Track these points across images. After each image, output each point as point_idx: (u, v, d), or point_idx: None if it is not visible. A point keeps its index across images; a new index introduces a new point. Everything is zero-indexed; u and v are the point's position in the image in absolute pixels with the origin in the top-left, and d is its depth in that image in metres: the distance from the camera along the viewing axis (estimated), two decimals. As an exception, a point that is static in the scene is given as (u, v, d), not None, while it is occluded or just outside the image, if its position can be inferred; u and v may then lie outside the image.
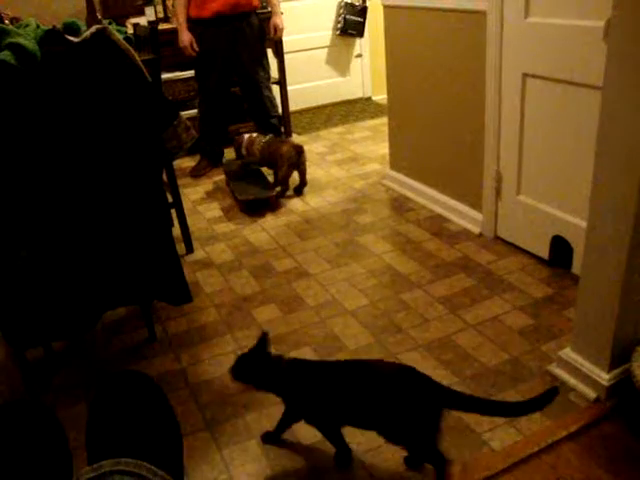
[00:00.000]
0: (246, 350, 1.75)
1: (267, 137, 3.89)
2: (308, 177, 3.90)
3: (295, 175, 3.79)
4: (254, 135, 3.94)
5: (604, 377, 1.91)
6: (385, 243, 3.08)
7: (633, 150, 1.62)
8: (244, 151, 3.90)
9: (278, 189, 3.76)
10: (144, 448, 0.99)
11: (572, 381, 2.01)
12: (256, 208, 3.62)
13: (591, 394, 1.94)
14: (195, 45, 3.93)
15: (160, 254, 2.25)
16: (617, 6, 1.58)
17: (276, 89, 4.62)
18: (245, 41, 4.01)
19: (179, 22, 3.92)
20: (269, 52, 4.47)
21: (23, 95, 1.82)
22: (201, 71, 4.10)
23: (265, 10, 4.27)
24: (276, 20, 4.15)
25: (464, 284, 2.65)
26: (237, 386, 1.74)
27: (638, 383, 1.75)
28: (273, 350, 1.77)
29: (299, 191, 3.82)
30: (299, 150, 3.68)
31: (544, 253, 2.73)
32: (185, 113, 4.21)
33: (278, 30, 4.17)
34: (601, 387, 1.91)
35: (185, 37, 3.91)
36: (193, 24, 3.92)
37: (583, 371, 1.96)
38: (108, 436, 1.04)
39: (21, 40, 1.79)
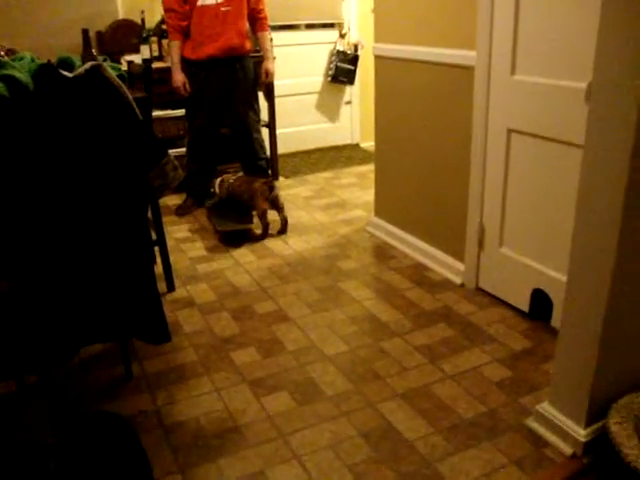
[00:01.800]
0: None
1: (237, 175, 4.02)
2: (293, 221, 3.93)
3: (275, 217, 3.85)
4: (225, 176, 4.06)
5: (581, 433, 1.91)
6: (367, 290, 3.09)
7: (612, 208, 1.66)
8: (217, 190, 3.98)
9: (260, 233, 3.82)
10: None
11: (549, 436, 2.00)
12: (235, 240, 3.71)
13: (568, 450, 1.94)
14: (188, 86, 3.98)
15: (141, 291, 2.23)
16: (597, 71, 1.63)
17: (265, 131, 4.67)
18: (237, 84, 4.07)
19: (173, 62, 3.97)
20: (260, 94, 4.53)
21: (14, 126, 1.82)
22: (192, 111, 4.15)
23: (258, 54, 4.34)
24: (268, 65, 4.22)
25: (444, 334, 2.65)
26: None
27: (614, 440, 1.75)
28: (249, 393, 1.75)
29: (283, 231, 3.86)
30: (271, 185, 3.77)
31: (524, 306, 2.75)
32: (174, 151, 4.24)
33: (269, 75, 4.24)
34: (578, 443, 1.91)
35: (178, 77, 3.96)
36: (187, 65, 3.97)
37: (560, 426, 1.96)
38: (77, 476, 1.02)
39: (15, 72, 1.80)
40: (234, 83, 4.05)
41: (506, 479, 1.85)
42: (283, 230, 3.86)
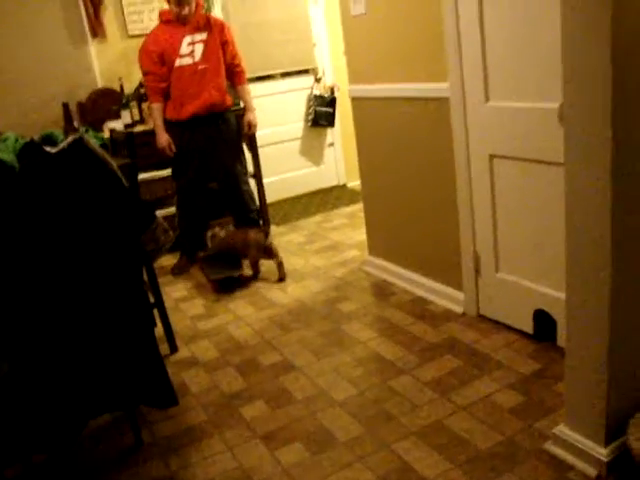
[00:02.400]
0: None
1: (227, 228, 4.07)
2: (288, 267, 3.94)
3: (272, 265, 3.90)
4: (215, 230, 4.08)
5: (602, 452, 1.88)
6: (369, 330, 3.07)
7: (600, 224, 1.67)
8: (209, 243, 4.00)
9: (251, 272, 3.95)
10: None
11: (570, 458, 1.97)
12: (229, 287, 3.80)
13: (591, 471, 1.90)
14: (173, 146, 4.01)
15: (143, 356, 2.21)
16: (566, 94, 1.66)
17: (252, 182, 4.69)
18: (222, 138, 4.11)
19: (156, 125, 4.00)
20: (243, 146, 4.57)
21: (2, 207, 1.84)
22: (178, 170, 4.16)
23: (238, 107, 4.39)
24: (249, 116, 4.25)
25: (451, 365, 2.64)
26: None
27: (637, 457, 1.72)
28: (262, 448, 1.72)
29: (282, 278, 3.88)
30: (266, 232, 3.88)
31: (528, 328, 2.74)
32: (164, 211, 4.27)
33: (252, 126, 4.26)
34: (600, 463, 1.88)
35: (163, 138, 3.98)
36: (170, 125, 4.00)
37: (580, 447, 1.93)
38: None
39: (0, 155, 1.83)
40: (218, 138, 4.10)
41: (531, 508, 1.82)
42: (282, 278, 3.88)
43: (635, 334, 1.84)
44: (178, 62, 3.85)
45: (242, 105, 4.34)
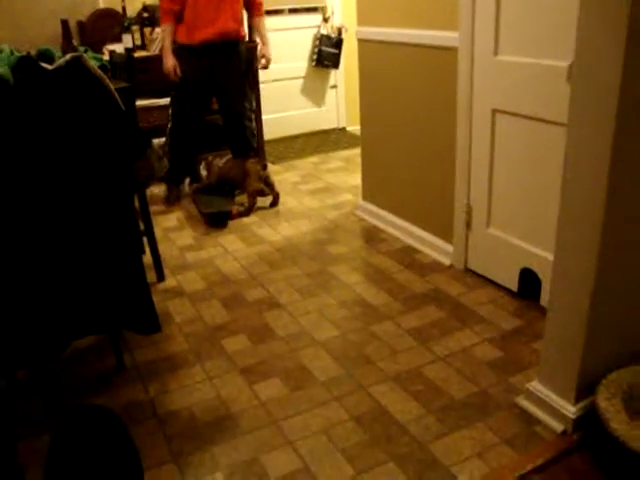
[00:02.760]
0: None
1: (225, 158, 4.09)
2: (281, 206, 3.96)
3: (265, 202, 3.98)
4: (210, 158, 4.12)
5: (570, 409, 1.93)
6: (356, 274, 3.09)
7: (597, 186, 1.66)
8: (203, 174, 3.99)
9: (244, 208, 3.93)
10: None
11: (539, 413, 2.02)
12: (220, 221, 3.80)
13: (558, 427, 1.96)
14: (178, 70, 3.88)
15: (130, 282, 2.23)
16: (578, 52, 1.63)
17: (251, 118, 4.64)
18: (231, 71, 3.99)
19: (165, 46, 3.87)
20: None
21: (-6, 121, 1.81)
22: (178, 96, 4.05)
23: (253, 43, 4.31)
24: (266, 50, 4.11)
25: (434, 316, 2.67)
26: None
27: (603, 415, 1.77)
28: (241, 381, 1.75)
29: (274, 203, 4.03)
30: (264, 164, 3.96)
31: (513, 285, 2.77)
32: (159, 140, 4.22)
33: (267, 60, 4.12)
34: (567, 420, 1.93)
35: (170, 61, 3.84)
36: (179, 50, 3.88)
37: (550, 403, 1.98)
38: (67, 471, 1.02)
39: (-7, 67, 1.79)
40: (228, 71, 3.97)
41: (498, 457, 1.87)
42: (275, 203, 4.01)
43: (617, 297, 1.86)
44: None
45: (256, 39, 4.23)
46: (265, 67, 4.23)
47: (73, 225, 2.01)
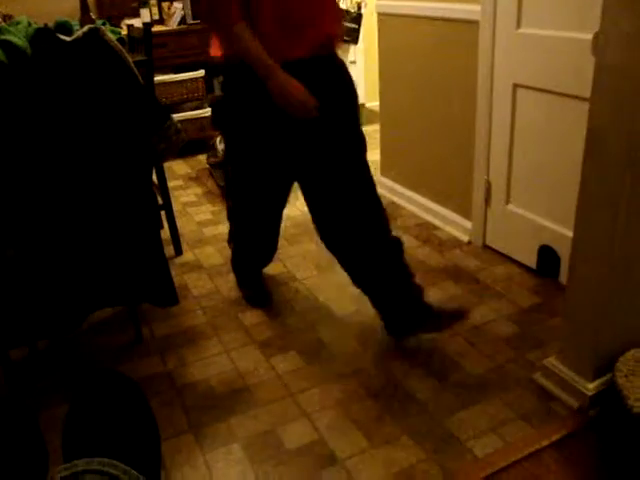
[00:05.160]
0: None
1: None
2: (299, 182, 3.94)
3: None
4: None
5: (587, 386, 1.92)
6: (374, 249, 3.08)
7: (619, 162, 1.64)
8: (220, 146, 3.95)
9: None
10: (120, 448, 0.99)
11: (556, 390, 2.01)
12: None
13: (574, 403, 1.95)
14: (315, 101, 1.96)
15: (148, 255, 2.24)
16: (604, 22, 1.60)
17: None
18: (338, 105, 2.17)
19: (260, 60, 1.88)
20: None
21: (12, 92, 1.81)
22: (241, 161, 2.32)
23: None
24: None
25: (452, 292, 2.66)
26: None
27: (620, 392, 1.76)
28: (258, 354, 1.75)
29: None
30: None
31: (532, 262, 2.75)
32: (178, 115, 4.22)
33: None
34: (584, 396, 1.92)
35: (298, 88, 1.91)
36: (238, 74, 2.04)
37: (567, 380, 1.97)
38: (84, 436, 1.04)
39: (11, 37, 1.79)
40: (333, 105, 2.10)
41: (513, 433, 1.87)
42: None
43: (635, 276, 1.84)
44: None
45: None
46: None
47: (91, 198, 2.02)
